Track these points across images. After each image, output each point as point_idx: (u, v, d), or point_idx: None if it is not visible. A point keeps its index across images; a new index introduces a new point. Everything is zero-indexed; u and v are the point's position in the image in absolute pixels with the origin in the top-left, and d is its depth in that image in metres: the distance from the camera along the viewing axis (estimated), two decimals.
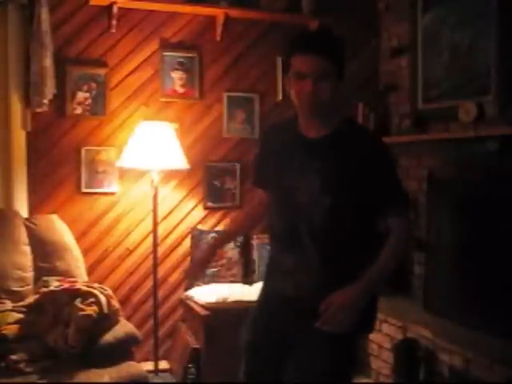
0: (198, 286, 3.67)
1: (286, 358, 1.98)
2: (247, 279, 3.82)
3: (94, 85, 3.65)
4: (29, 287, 3.08)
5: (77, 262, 3.28)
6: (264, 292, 2.12)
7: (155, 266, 3.55)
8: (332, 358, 1.90)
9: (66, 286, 2.91)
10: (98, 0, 3.57)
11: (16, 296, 3.00)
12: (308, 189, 1.90)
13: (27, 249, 3.16)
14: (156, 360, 3.57)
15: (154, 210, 3.55)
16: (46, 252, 3.20)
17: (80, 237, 3.56)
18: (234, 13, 3.83)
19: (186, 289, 3.75)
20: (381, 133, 3.91)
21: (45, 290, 2.92)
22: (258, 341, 2.08)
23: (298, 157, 1.95)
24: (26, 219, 3.30)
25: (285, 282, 1.98)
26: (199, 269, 2.32)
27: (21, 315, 2.82)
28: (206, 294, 3.50)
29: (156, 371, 3.55)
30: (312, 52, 1.82)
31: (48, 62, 3.38)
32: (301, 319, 1.95)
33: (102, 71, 3.66)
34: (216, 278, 3.72)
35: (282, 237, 2.01)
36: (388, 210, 1.90)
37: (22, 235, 3.18)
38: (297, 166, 1.94)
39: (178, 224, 3.84)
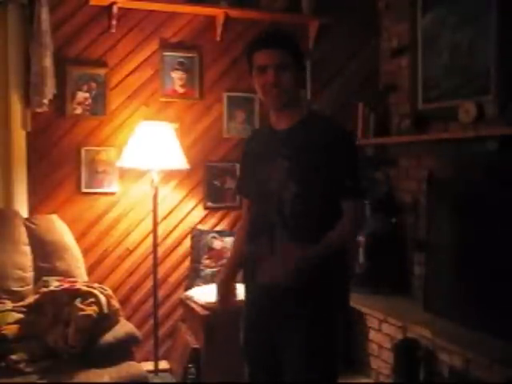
0: (198, 285, 3.67)
1: (280, 355, 2.00)
2: None
3: (94, 85, 3.65)
4: (29, 287, 3.08)
5: (77, 262, 3.28)
6: (247, 289, 2.14)
7: (155, 265, 3.55)
8: (316, 352, 1.96)
9: (66, 285, 2.91)
10: (98, 0, 3.58)
11: (16, 296, 3.00)
12: (277, 177, 1.98)
13: (27, 249, 3.16)
14: (156, 360, 3.57)
15: (154, 210, 3.55)
16: (46, 252, 3.20)
17: (80, 237, 3.56)
18: (234, 13, 3.83)
19: (186, 289, 3.75)
20: (381, 133, 3.92)
21: (45, 290, 2.92)
22: (251, 341, 2.10)
23: (269, 149, 2.05)
24: (26, 219, 3.30)
25: (258, 272, 2.01)
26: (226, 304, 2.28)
27: (21, 315, 2.82)
28: (206, 293, 3.50)
29: (156, 371, 3.55)
30: (269, 45, 1.97)
31: (48, 61, 3.38)
32: (281, 311, 1.99)
33: (102, 71, 3.66)
34: (216, 278, 3.72)
35: (256, 227, 2.07)
36: (343, 195, 1.98)
37: (22, 235, 3.18)
38: (268, 158, 2.03)
39: (178, 224, 3.85)
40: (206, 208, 3.91)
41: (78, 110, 3.62)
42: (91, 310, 2.72)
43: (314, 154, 1.95)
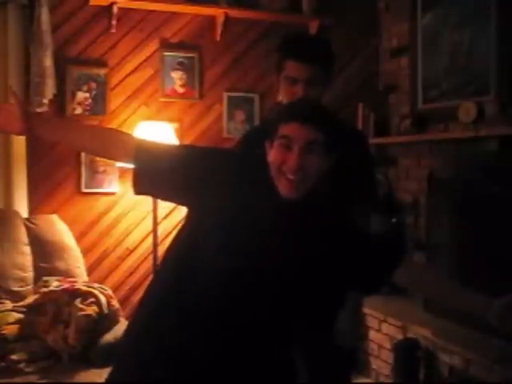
0: None
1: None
2: None
3: (94, 85, 3.65)
4: (29, 287, 3.08)
5: (77, 262, 3.28)
6: None
7: (155, 265, 3.55)
8: None
9: (66, 286, 2.92)
10: (98, 0, 3.58)
11: (16, 296, 3.00)
12: None
13: (27, 249, 3.16)
14: None
15: (154, 210, 3.55)
16: (45, 252, 3.19)
17: (80, 237, 3.55)
18: (234, 13, 3.82)
19: None
20: (381, 133, 3.92)
21: (45, 290, 2.92)
22: None
23: None
24: (26, 219, 3.29)
25: None
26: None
27: (21, 315, 2.82)
28: None
29: None
30: (305, 59, 1.89)
31: (48, 61, 3.38)
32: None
33: (102, 71, 3.66)
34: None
35: None
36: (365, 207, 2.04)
37: (22, 235, 3.17)
38: None
39: (177, 224, 3.84)
40: None
41: (78, 110, 3.62)
42: (91, 310, 2.73)
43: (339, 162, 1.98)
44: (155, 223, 3.55)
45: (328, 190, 1.56)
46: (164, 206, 3.76)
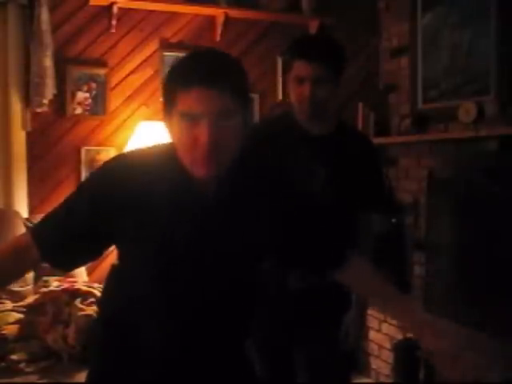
0: None
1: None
2: None
3: (94, 85, 3.65)
4: (29, 287, 3.08)
5: None
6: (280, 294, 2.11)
7: None
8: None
9: (66, 285, 2.92)
10: (98, 0, 3.58)
11: (16, 296, 3.00)
12: (315, 181, 1.98)
13: None
14: None
15: None
16: None
17: None
18: (234, 13, 3.83)
19: None
20: (381, 133, 3.92)
21: (45, 290, 2.92)
22: (273, 341, 2.10)
23: (305, 154, 2.00)
24: (26, 219, 3.29)
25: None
26: None
27: (21, 315, 2.82)
28: None
29: None
30: (312, 58, 1.89)
31: (48, 62, 3.38)
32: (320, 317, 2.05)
33: (101, 71, 3.66)
34: None
35: None
36: (372, 210, 2.08)
37: None
38: (304, 163, 1.98)
39: None
40: None
41: (78, 110, 3.62)
42: (91, 310, 2.72)
43: (348, 165, 1.98)
44: None
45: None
46: None
